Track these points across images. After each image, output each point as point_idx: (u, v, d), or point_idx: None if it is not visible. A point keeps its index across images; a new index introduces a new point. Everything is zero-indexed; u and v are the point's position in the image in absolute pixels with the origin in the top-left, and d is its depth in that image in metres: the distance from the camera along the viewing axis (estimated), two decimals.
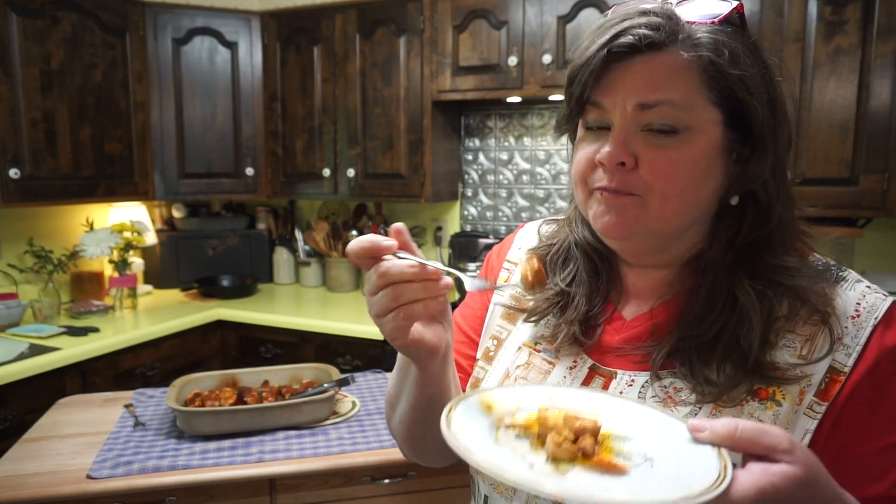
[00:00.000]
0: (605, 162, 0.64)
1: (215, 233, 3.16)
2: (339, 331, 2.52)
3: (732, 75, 0.62)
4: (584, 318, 0.74)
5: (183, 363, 2.59)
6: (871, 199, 1.97)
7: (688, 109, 0.63)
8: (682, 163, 0.63)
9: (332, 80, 2.80)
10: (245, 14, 2.89)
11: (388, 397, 0.85)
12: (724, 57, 0.62)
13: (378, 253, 0.63)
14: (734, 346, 0.64)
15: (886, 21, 1.91)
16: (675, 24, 0.64)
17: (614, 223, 0.66)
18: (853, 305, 0.64)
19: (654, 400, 0.67)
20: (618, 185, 0.65)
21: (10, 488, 1.28)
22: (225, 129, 2.91)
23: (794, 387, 0.63)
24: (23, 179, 2.32)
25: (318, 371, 1.74)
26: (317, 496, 1.44)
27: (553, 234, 0.83)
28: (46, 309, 2.50)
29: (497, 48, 2.46)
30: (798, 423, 0.62)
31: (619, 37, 0.62)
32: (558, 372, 0.74)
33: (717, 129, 0.64)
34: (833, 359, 0.63)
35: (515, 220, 2.93)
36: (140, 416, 1.62)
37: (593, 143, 0.67)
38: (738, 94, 0.63)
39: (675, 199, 0.64)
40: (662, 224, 0.66)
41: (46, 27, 2.36)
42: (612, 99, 0.64)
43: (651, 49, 0.63)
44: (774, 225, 0.67)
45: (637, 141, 0.64)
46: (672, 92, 0.62)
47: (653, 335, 0.70)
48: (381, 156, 2.75)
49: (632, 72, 0.63)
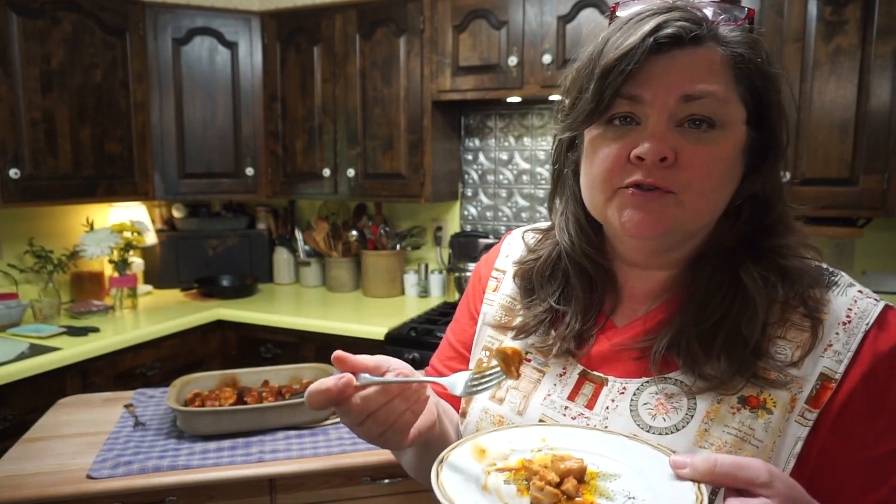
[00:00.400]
0: (648, 157, 0.62)
1: (215, 233, 3.16)
2: (339, 331, 2.52)
3: (764, 74, 0.64)
4: (578, 333, 0.73)
5: (183, 363, 2.58)
6: (871, 199, 1.97)
7: (726, 104, 0.63)
8: (718, 159, 0.63)
9: (332, 80, 2.80)
10: (245, 14, 2.89)
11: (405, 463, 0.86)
12: (760, 56, 0.64)
13: (341, 399, 0.61)
14: (735, 335, 0.64)
15: (886, 21, 1.91)
16: (709, 22, 0.64)
17: (648, 221, 0.63)
18: (844, 311, 0.64)
19: (646, 408, 0.66)
20: (656, 181, 0.62)
21: (10, 488, 1.28)
22: (225, 129, 2.91)
23: (785, 394, 0.62)
24: (23, 179, 2.32)
25: (318, 371, 1.74)
26: (317, 496, 1.44)
27: (538, 245, 0.81)
28: (46, 309, 2.50)
29: (497, 48, 2.46)
30: (789, 431, 0.62)
31: (662, 27, 0.61)
32: (548, 380, 0.73)
33: (742, 127, 0.65)
34: (824, 366, 0.62)
35: (515, 220, 2.93)
36: (140, 416, 1.62)
37: (618, 140, 0.64)
38: (764, 93, 0.64)
39: (709, 196, 0.64)
40: (696, 221, 0.65)
41: (46, 27, 2.36)
42: (652, 91, 0.62)
43: (693, 43, 0.62)
44: (774, 220, 0.68)
45: (675, 136, 0.63)
46: (715, 85, 0.62)
47: (646, 335, 0.69)
48: (381, 156, 2.75)
49: (675, 64, 0.62)
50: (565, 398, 0.71)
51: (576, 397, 0.71)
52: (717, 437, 0.62)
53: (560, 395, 0.72)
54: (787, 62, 2.03)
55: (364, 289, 3.00)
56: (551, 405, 0.71)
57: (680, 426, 0.64)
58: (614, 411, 0.68)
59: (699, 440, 0.63)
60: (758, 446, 0.61)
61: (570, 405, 0.70)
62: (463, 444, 0.62)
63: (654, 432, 0.65)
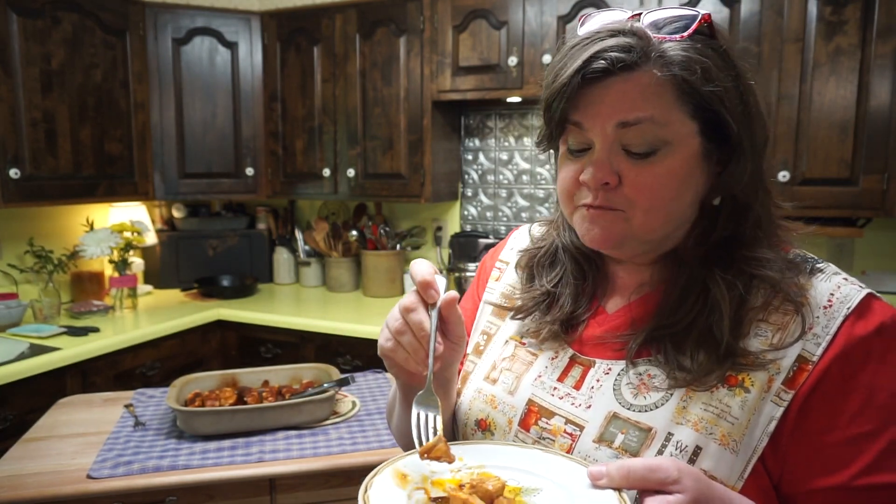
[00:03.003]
0: (589, 182, 0.66)
1: (215, 233, 3.16)
2: (339, 331, 2.52)
3: (705, 91, 0.64)
4: (568, 317, 0.77)
5: (183, 363, 2.59)
6: (871, 199, 1.97)
7: (666, 125, 0.64)
8: (664, 177, 0.65)
9: (332, 80, 2.80)
10: (245, 14, 2.89)
11: (388, 401, 0.91)
12: (696, 74, 0.63)
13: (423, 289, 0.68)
14: (707, 335, 0.66)
15: (886, 21, 1.91)
16: (646, 43, 0.64)
17: (600, 237, 0.69)
18: (826, 296, 0.65)
19: (629, 387, 0.68)
20: (601, 203, 0.67)
21: (10, 488, 1.28)
22: (225, 129, 2.92)
23: (763, 374, 0.64)
24: (23, 179, 2.32)
25: (318, 371, 1.74)
26: (317, 496, 1.44)
27: (542, 237, 0.86)
28: (46, 309, 2.50)
29: (497, 48, 2.46)
30: (764, 410, 0.63)
31: (591, 61, 0.63)
32: (540, 363, 0.77)
33: (695, 139, 0.66)
34: (803, 348, 0.63)
35: (515, 220, 2.93)
36: (140, 416, 1.62)
37: (576, 162, 0.69)
38: (712, 107, 0.64)
39: (658, 211, 0.67)
40: (648, 234, 0.68)
41: (46, 27, 2.36)
42: (591, 120, 0.66)
43: (624, 70, 0.63)
44: (751, 222, 0.69)
45: (619, 159, 0.66)
46: (650, 109, 0.64)
47: (632, 325, 0.72)
48: (381, 156, 2.75)
49: (609, 93, 0.64)
50: (555, 380, 0.74)
51: (565, 379, 0.74)
52: (693, 414, 0.64)
53: (550, 377, 0.75)
54: (787, 62, 2.03)
55: (364, 289, 3.01)
56: (541, 385, 0.74)
57: (659, 403, 0.66)
58: (598, 391, 0.70)
59: (676, 417, 0.65)
60: (733, 423, 0.63)
61: (559, 386, 0.73)
62: (383, 470, 0.63)
63: (634, 409, 0.67)
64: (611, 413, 0.68)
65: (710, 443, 0.62)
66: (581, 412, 0.70)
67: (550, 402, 0.72)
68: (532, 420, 0.73)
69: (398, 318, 0.68)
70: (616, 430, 0.66)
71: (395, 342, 0.68)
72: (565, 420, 0.70)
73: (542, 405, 0.73)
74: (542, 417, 0.72)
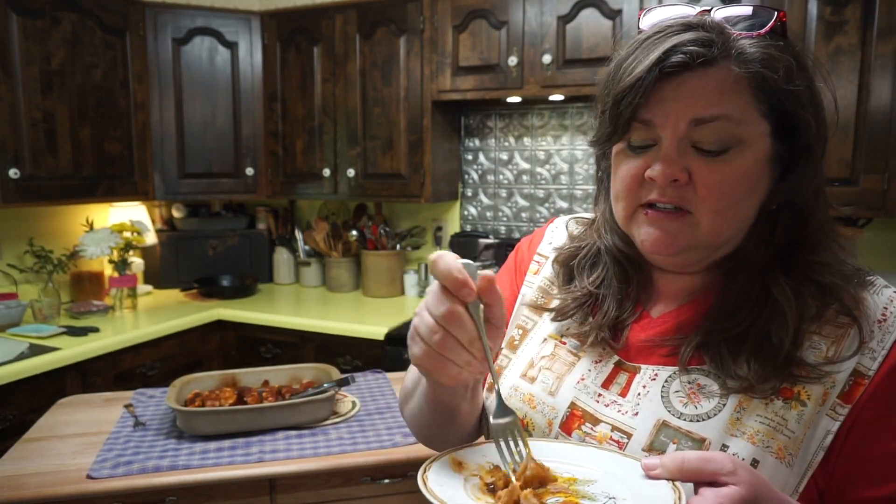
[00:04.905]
0: (658, 179, 0.64)
1: (215, 233, 3.16)
2: (339, 331, 2.52)
3: (785, 91, 0.62)
4: (614, 322, 0.74)
5: (183, 363, 2.58)
6: (871, 199, 1.97)
7: (742, 124, 0.62)
8: (735, 177, 0.63)
9: (332, 80, 2.80)
10: (245, 14, 2.89)
11: (403, 387, 0.87)
12: (778, 72, 0.62)
13: (457, 289, 0.57)
14: (764, 342, 0.64)
15: (886, 21, 1.91)
16: (725, 38, 0.62)
17: (664, 242, 0.66)
18: (880, 310, 0.65)
19: (678, 395, 0.67)
20: (670, 199, 0.64)
21: (10, 488, 1.28)
22: (225, 129, 2.91)
23: (819, 387, 0.63)
24: (23, 179, 2.32)
25: (318, 371, 1.74)
26: (317, 496, 1.44)
27: (581, 236, 0.83)
28: (46, 309, 2.50)
29: (497, 48, 2.46)
30: (820, 424, 0.62)
31: (670, 55, 0.61)
32: (583, 365, 0.74)
33: (766, 140, 0.64)
34: (858, 362, 0.63)
35: (515, 220, 2.93)
36: (140, 416, 1.62)
37: (638, 158, 0.66)
38: (789, 108, 0.63)
39: (727, 213, 0.64)
40: (714, 238, 0.66)
41: (46, 27, 2.36)
42: (664, 116, 0.63)
43: (703, 65, 0.62)
44: (814, 227, 0.68)
45: (689, 156, 0.63)
46: (727, 106, 0.62)
47: (679, 331, 0.70)
48: (381, 156, 2.75)
49: (684, 88, 0.62)
50: (599, 385, 0.72)
51: (610, 385, 0.71)
52: (749, 427, 0.63)
53: (594, 382, 0.72)
54: None
55: (364, 289, 3.00)
56: (584, 389, 0.72)
57: (711, 414, 0.64)
58: (645, 397, 0.68)
59: (731, 428, 0.63)
60: (790, 436, 0.62)
61: (604, 392, 0.71)
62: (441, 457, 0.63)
63: (684, 419, 0.65)
64: (660, 421, 0.66)
65: (768, 456, 0.61)
66: (628, 419, 0.68)
67: (595, 408, 0.70)
68: (575, 424, 0.71)
69: (438, 331, 0.57)
70: (667, 440, 0.65)
71: (441, 358, 0.58)
72: (612, 427, 0.68)
73: (585, 409, 0.71)
74: (587, 423, 0.70)
